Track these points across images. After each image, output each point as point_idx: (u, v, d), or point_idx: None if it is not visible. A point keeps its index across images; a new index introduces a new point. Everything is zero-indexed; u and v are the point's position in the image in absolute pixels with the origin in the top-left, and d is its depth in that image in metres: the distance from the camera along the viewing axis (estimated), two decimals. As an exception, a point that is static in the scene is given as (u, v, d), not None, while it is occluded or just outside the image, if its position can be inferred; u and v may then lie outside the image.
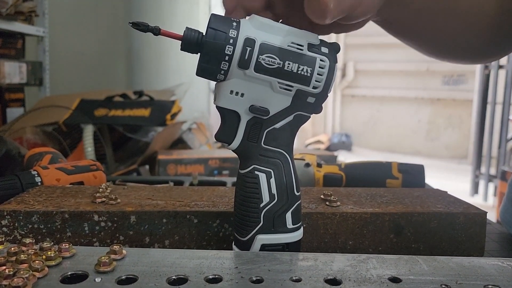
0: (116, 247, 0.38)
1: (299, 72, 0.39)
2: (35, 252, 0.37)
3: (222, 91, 0.40)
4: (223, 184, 0.86)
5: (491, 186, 3.82)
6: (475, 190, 3.95)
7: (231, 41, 0.38)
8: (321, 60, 0.40)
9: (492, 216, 2.70)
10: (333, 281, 0.35)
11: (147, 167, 1.65)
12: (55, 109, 1.68)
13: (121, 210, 0.48)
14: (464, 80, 5.59)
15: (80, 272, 0.35)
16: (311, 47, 0.40)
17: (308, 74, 0.39)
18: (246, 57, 0.38)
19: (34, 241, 0.39)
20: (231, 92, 0.40)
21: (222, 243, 0.49)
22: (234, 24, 0.39)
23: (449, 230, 0.50)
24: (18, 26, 1.85)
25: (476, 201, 3.71)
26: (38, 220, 0.47)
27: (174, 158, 1.49)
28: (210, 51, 0.38)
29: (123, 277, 0.34)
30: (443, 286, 0.34)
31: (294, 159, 0.77)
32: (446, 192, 0.60)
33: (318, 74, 0.40)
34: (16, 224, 0.47)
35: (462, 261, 0.39)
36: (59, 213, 0.47)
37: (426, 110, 5.86)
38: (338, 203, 0.51)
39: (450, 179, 4.47)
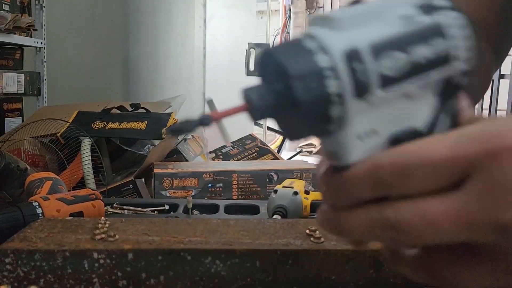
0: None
1: (430, 52, 0.27)
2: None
3: (345, 143, 0.27)
4: (216, 207, 0.90)
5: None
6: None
7: (329, 73, 0.25)
8: (446, 18, 0.28)
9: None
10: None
11: (143, 180, 1.68)
12: (54, 121, 1.71)
13: (119, 248, 0.51)
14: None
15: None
16: (424, 9, 0.28)
17: (442, 48, 0.27)
18: (361, 80, 0.26)
19: None
20: (360, 137, 0.27)
21: (214, 279, 0.52)
22: (314, 46, 0.26)
23: (426, 266, 0.54)
24: (16, 38, 1.88)
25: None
26: (40, 258, 0.50)
27: (169, 172, 1.53)
28: (310, 109, 0.26)
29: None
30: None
31: (283, 187, 0.80)
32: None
33: (452, 39, 0.28)
34: (19, 262, 0.50)
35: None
36: (60, 252, 0.50)
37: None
38: (322, 239, 0.55)
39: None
